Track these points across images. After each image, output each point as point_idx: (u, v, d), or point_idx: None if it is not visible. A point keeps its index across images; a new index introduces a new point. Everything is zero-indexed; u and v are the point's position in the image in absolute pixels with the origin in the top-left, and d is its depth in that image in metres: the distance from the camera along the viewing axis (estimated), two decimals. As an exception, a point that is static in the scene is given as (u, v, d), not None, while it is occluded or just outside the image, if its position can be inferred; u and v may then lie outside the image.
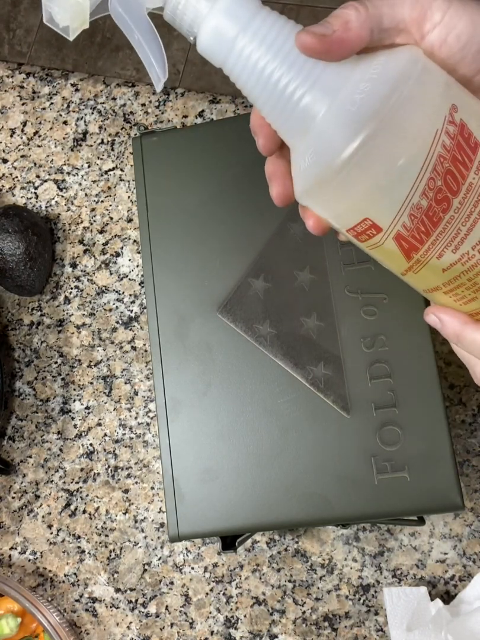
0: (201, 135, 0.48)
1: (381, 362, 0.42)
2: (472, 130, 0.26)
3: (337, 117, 0.26)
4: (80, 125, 0.62)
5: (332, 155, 0.26)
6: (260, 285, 0.44)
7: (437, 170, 0.25)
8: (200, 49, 0.28)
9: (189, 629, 0.52)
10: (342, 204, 0.28)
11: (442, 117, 0.25)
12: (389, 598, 0.49)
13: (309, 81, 0.27)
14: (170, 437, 0.43)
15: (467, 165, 0.26)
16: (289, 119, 0.28)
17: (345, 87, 0.26)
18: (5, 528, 0.56)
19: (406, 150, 0.25)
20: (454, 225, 0.26)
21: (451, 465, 0.40)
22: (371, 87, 0.26)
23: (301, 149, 0.28)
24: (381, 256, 0.29)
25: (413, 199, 0.26)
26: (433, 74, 0.27)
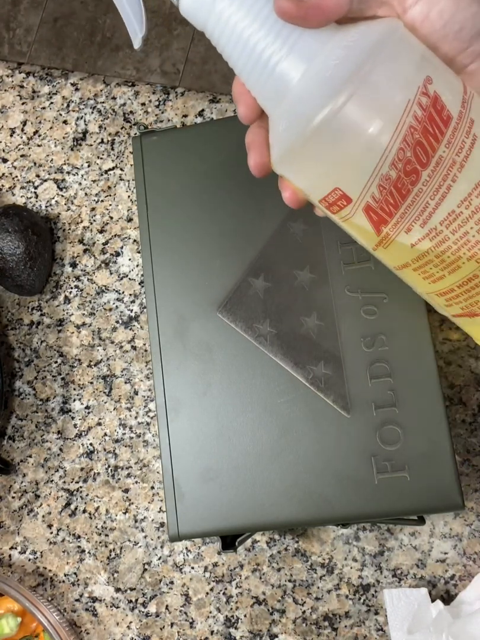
0: (201, 135, 0.48)
1: (381, 362, 0.42)
2: (446, 104, 0.26)
3: (310, 82, 0.26)
4: (80, 125, 0.62)
5: (305, 121, 0.26)
6: (260, 284, 0.44)
7: (407, 141, 0.25)
8: (182, 11, 0.28)
9: (189, 628, 0.52)
10: (314, 171, 0.27)
11: (415, 87, 0.25)
12: (389, 599, 0.49)
13: (286, 46, 0.27)
14: (170, 436, 0.43)
15: (437, 138, 0.26)
16: (266, 84, 0.28)
17: (321, 54, 0.26)
18: (5, 528, 0.56)
19: (376, 119, 0.25)
20: (422, 199, 0.26)
21: (451, 465, 0.40)
22: (346, 54, 0.26)
23: (277, 115, 0.28)
24: (353, 229, 0.29)
25: (382, 169, 0.26)
26: (409, 44, 0.26)
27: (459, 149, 0.26)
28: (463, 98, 0.26)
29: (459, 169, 0.26)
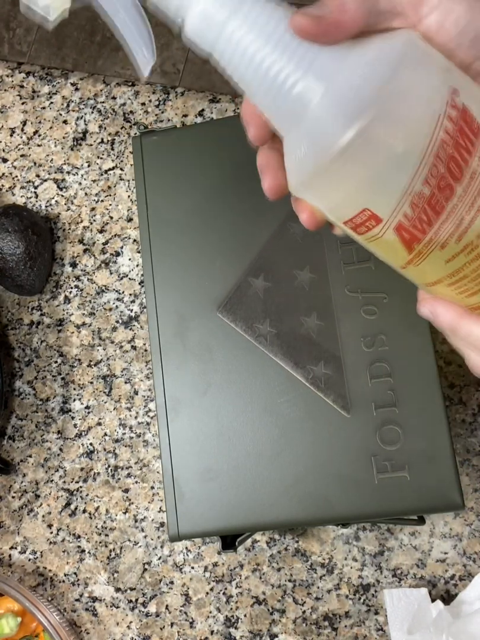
0: (201, 135, 0.48)
1: (381, 362, 0.42)
2: (475, 115, 0.25)
3: (332, 103, 0.25)
4: (80, 125, 0.62)
5: (329, 144, 0.25)
6: (260, 284, 0.44)
7: (440, 157, 0.25)
8: (187, 34, 0.27)
9: (189, 628, 0.52)
10: (340, 194, 0.27)
11: (443, 101, 0.25)
12: (390, 600, 0.49)
13: (303, 67, 0.26)
14: (170, 436, 0.43)
15: (470, 151, 0.25)
16: (281, 106, 0.27)
17: (340, 73, 0.25)
18: (6, 528, 0.56)
19: (407, 137, 0.24)
20: (457, 214, 0.25)
21: (451, 465, 0.40)
22: (368, 72, 0.25)
23: (295, 138, 0.27)
24: (380, 249, 0.28)
25: (415, 187, 0.25)
26: (432, 57, 0.26)
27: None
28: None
29: None
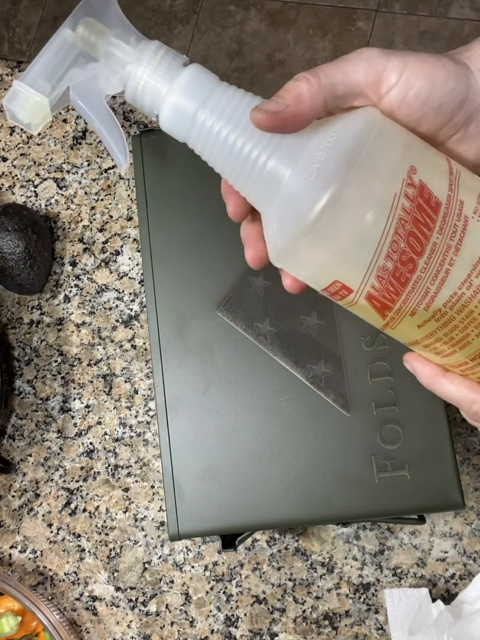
0: (201, 133, 0.48)
1: (381, 361, 0.42)
2: (433, 190, 0.26)
3: (296, 187, 0.27)
4: (80, 124, 0.62)
5: (295, 224, 0.26)
6: (260, 283, 0.44)
7: (399, 233, 0.25)
8: (163, 126, 0.29)
9: (189, 627, 0.52)
10: (311, 267, 0.28)
11: (399, 180, 0.25)
12: (390, 599, 0.49)
13: (268, 151, 0.27)
14: (170, 435, 0.43)
15: (429, 226, 0.26)
16: (254, 186, 0.28)
17: (303, 156, 0.27)
18: (6, 527, 0.56)
19: (365, 216, 0.25)
20: (422, 285, 0.26)
21: (451, 464, 0.40)
22: (327, 156, 0.26)
23: (270, 215, 0.29)
24: (359, 313, 0.30)
25: (378, 262, 0.26)
26: (389, 136, 0.27)
27: (452, 233, 0.26)
28: (450, 180, 0.27)
29: (455, 253, 0.26)
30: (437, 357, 0.30)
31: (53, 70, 0.29)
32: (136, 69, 0.28)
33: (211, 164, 0.29)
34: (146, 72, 0.28)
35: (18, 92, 0.29)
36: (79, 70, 0.29)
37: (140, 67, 0.28)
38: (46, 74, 0.29)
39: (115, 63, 0.28)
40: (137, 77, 0.28)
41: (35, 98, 0.29)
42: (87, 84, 0.29)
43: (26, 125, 0.29)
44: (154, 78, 0.28)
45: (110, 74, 0.29)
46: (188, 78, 0.28)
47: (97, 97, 0.29)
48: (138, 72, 0.28)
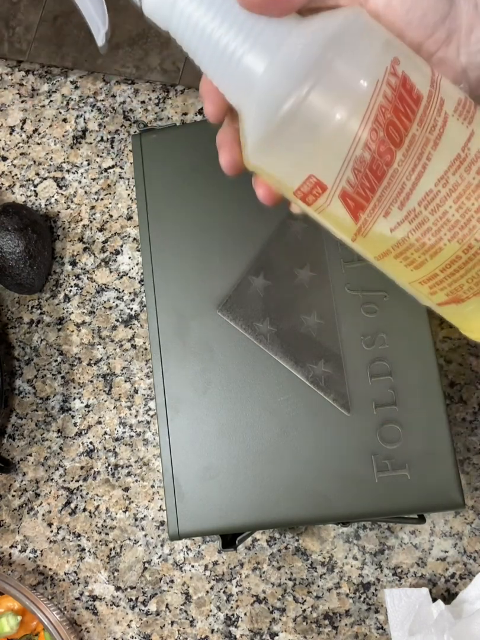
0: (201, 133, 0.48)
1: (381, 360, 0.42)
2: (415, 83, 0.26)
3: (275, 73, 0.26)
4: (80, 123, 0.62)
5: (273, 111, 0.26)
6: (260, 283, 0.44)
7: (379, 121, 0.25)
8: (145, 11, 0.28)
9: (189, 627, 0.52)
10: (286, 161, 0.27)
11: (383, 68, 0.25)
12: (390, 599, 0.49)
13: (250, 38, 0.26)
14: (170, 435, 0.43)
15: (409, 117, 0.25)
16: (232, 78, 0.27)
17: (285, 43, 0.26)
18: (6, 526, 0.56)
19: (345, 102, 0.25)
20: (398, 179, 0.26)
21: (452, 463, 0.40)
22: (310, 40, 0.26)
23: (246, 109, 0.28)
24: (330, 221, 0.29)
25: (356, 152, 0.25)
26: (373, 29, 0.26)
27: (431, 127, 0.26)
28: (432, 78, 0.27)
29: (433, 147, 0.26)
30: (407, 269, 0.29)
31: None
32: None
33: (191, 54, 0.28)
34: None
35: None
36: None
37: None
38: None
39: None
40: None
41: None
42: None
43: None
44: None
45: None
46: None
47: None
48: None
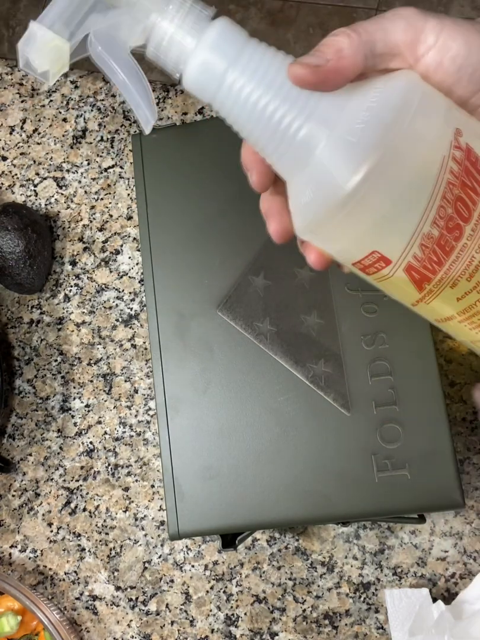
0: (201, 133, 0.48)
1: (382, 360, 0.42)
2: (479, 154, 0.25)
3: (337, 148, 0.25)
4: (80, 123, 0.62)
5: (335, 189, 0.25)
6: (260, 282, 0.44)
7: (447, 198, 0.24)
8: (187, 85, 0.27)
9: (189, 626, 0.52)
10: (348, 238, 0.26)
11: (447, 142, 0.25)
12: (390, 600, 0.49)
13: (305, 113, 0.26)
14: (170, 435, 0.43)
15: (477, 191, 0.25)
16: (285, 153, 0.27)
17: (343, 117, 0.25)
18: (6, 526, 0.56)
19: (413, 180, 0.24)
20: (467, 253, 0.25)
21: (452, 463, 0.40)
22: (371, 116, 0.25)
23: (300, 184, 0.27)
24: (390, 288, 0.28)
25: (424, 229, 0.25)
26: (434, 98, 0.26)
27: None
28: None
29: None
30: (472, 332, 0.28)
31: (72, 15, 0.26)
32: (162, 19, 0.26)
33: (237, 128, 0.27)
34: (173, 24, 0.26)
35: (35, 34, 0.25)
36: (99, 16, 0.26)
37: (167, 18, 0.26)
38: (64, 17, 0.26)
39: (138, 11, 0.26)
40: (162, 28, 0.26)
41: (56, 42, 0.26)
42: (108, 32, 0.26)
43: (41, 74, 0.26)
44: (180, 31, 0.26)
45: (133, 23, 0.26)
46: (217, 33, 0.26)
47: (120, 47, 0.26)
48: (164, 23, 0.26)
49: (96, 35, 0.26)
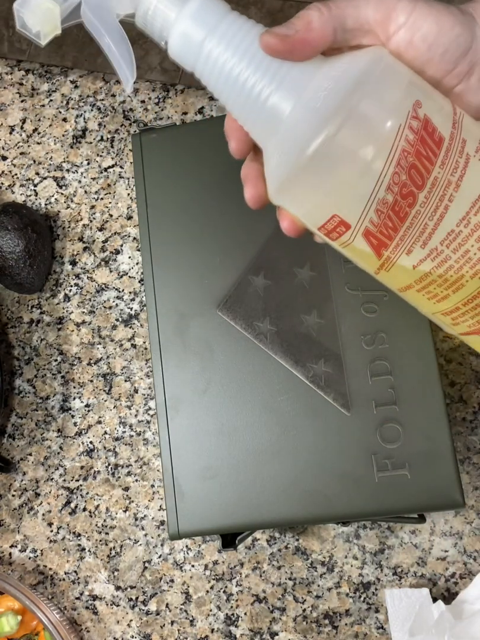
0: (201, 132, 0.48)
1: (382, 360, 0.42)
2: (437, 126, 0.26)
3: (301, 114, 0.27)
4: (80, 122, 0.62)
5: (298, 152, 0.26)
6: (260, 282, 0.44)
7: (401, 165, 0.26)
8: (171, 53, 0.29)
9: (189, 626, 0.52)
10: (311, 200, 0.28)
11: (405, 112, 0.26)
12: (391, 600, 0.49)
13: (275, 81, 0.27)
14: (170, 434, 0.43)
15: (431, 160, 0.26)
16: (258, 119, 0.28)
17: (309, 86, 0.27)
18: (6, 526, 0.56)
19: (369, 145, 0.25)
20: (421, 220, 0.26)
21: (452, 463, 0.40)
22: (334, 85, 0.26)
23: (271, 148, 0.28)
24: (353, 255, 0.29)
25: (379, 194, 0.26)
26: (396, 71, 0.27)
27: (453, 169, 0.26)
28: (453, 119, 0.27)
29: (455, 189, 0.26)
30: (430, 302, 0.29)
31: None
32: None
33: (216, 95, 0.29)
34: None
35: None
36: None
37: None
38: None
39: None
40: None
41: (47, 4, 0.28)
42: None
43: (35, 34, 0.29)
44: (164, 1, 0.27)
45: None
46: (198, 4, 0.27)
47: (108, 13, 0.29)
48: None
49: (87, 1, 0.29)
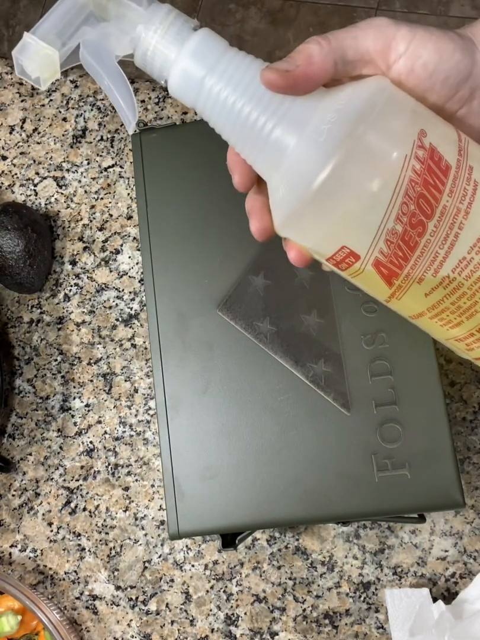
0: (201, 132, 0.47)
1: (382, 360, 0.42)
2: (443, 154, 0.26)
3: (305, 148, 0.27)
4: (80, 122, 0.62)
5: (304, 186, 0.26)
6: (260, 282, 0.44)
7: (409, 195, 0.25)
8: (171, 91, 0.29)
9: (189, 626, 0.52)
10: (319, 232, 0.28)
11: (410, 142, 0.26)
12: (391, 600, 0.49)
13: (278, 115, 0.27)
14: (170, 434, 0.43)
15: (439, 189, 0.26)
16: (261, 153, 0.28)
17: (312, 119, 0.27)
18: (6, 526, 0.56)
19: (376, 177, 0.25)
20: (431, 249, 0.26)
21: (452, 463, 0.40)
22: (337, 117, 0.26)
23: (275, 182, 0.28)
24: (364, 284, 0.29)
25: (387, 225, 0.26)
26: (399, 101, 0.27)
27: (461, 196, 0.26)
28: (459, 146, 0.27)
29: (465, 216, 0.26)
30: (443, 329, 0.29)
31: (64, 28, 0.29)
32: (146, 31, 0.28)
33: (218, 131, 0.29)
34: (156, 35, 0.28)
35: (28, 44, 0.28)
36: (89, 28, 0.29)
37: (151, 30, 0.28)
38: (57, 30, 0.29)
39: (126, 23, 0.28)
40: (147, 39, 0.28)
41: (46, 51, 0.28)
42: (97, 42, 0.29)
43: (35, 80, 0.29)
44: (163, 42, 0.28)
45: (121, 34, 0.28)
46: (197, 43, 0.28)
47: (107, 55, 0.29)
48: (148, 34, 0.28)
49: (85, 45, 0.29)
